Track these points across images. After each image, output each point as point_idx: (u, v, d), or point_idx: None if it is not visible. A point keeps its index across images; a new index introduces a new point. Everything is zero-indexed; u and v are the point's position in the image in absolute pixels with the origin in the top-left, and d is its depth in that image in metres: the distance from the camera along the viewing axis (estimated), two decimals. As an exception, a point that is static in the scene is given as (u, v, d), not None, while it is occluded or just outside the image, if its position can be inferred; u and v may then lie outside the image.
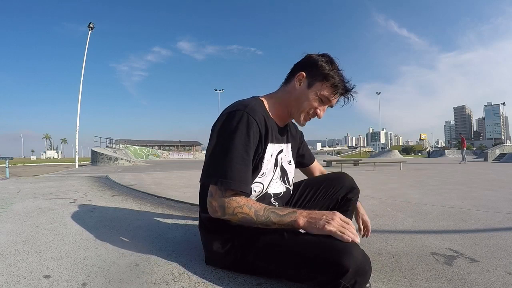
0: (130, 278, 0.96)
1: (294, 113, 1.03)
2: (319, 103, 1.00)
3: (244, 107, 0.93)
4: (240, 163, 0.88)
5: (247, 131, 0.90)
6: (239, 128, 0.89)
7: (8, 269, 1.02)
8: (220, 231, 0.98)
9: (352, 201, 1.16)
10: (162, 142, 43.91)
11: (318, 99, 0.99)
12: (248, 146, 0.90)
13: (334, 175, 1.21)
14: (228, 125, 0.90)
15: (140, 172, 6.85)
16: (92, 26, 15.51)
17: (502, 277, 0.99)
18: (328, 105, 1.02)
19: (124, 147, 24.36)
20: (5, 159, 7.41)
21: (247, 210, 0.87)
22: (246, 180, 0.90)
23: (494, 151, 18.11)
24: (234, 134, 0.89)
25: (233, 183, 0.86)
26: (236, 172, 0.87)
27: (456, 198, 2.67)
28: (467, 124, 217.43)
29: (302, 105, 1.00)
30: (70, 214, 1.92)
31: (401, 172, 6.51)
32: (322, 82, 0.98)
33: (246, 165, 0.90)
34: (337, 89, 0.99)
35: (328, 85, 0.98)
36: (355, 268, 0.74)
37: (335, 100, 1.02)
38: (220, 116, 0.97)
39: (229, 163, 0.87)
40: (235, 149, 0.88)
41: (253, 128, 0.91)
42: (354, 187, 1.17)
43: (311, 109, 1.01)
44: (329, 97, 0.99)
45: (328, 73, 0.97)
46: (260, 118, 0.95)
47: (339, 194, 1.16)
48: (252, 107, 0.94)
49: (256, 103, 0.99)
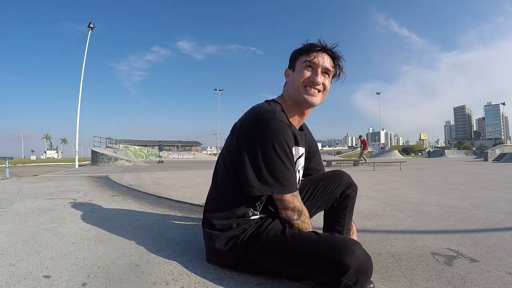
0: (130, 278, 0.96)
1: (297, 96, 1.03)
2: (309, 72, 1.01)
3: (273, 114, 0.94)
4: (289, 168, 0.93)
5: (285, 138, 0.92)
6: (277, 137, 0.91)
7: (8, 269, 1.02)
8: (224, 229, 1.00)
9: (350, 197, 1.17)
10: (162, 142, 43.83)
11: (304, 69, 1.01)
12: (289, 150, 0.93)
13: (331, 173, 1.22)
14: (265, 133, 0.91)
15: (140, 172, 6.85)
16: (92, 26, 15.50)
17: (502, 277, 0.99)
18: (316, 68, 1.01)
19: (124, 147, 24.36)
20: (5, 159, 7.40)
21: (309, 223, 0.98)
22: (296, 181, 0.98)
23: (494, 151, 18.12)
24: (274, 142, 0.90)
25: (292, 188, 0.94)
26: (291, 178, 0.93)
27: (456, 198, 2.67)
28: (467, 124, 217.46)
29: (296, 83, 1.02)
30: (70, 214, 1.92)
31: (401, 172, 6.51)
32: (299, 57, 1.03)
33: (292, 169, 0.95)
34: (312, 48, 1.01)
35: (304, 53, 1.02)
36: (357, 266, 0.74)
37: (316, 58, 1.00)
38: (250, 122, 0.95)
39: (286, 171, 0.92)
40: (282, 157, 0.91)
41: (288, 134, 0.94)
42: (352, 183, 1.19)
43: (305, 81, 1.01)
44: (309, 59, 1.00)
45: (301, 48, 1.04)
46: (287, 122, 0.97)
47: (337, 192, 1.17)
48: (280, 113, 0.96)
49: (279, 107, 1.01)
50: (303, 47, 1.04)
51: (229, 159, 1.01)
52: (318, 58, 1.01)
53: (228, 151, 1.01)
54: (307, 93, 1.01)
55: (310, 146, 1.25)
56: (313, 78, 1.00)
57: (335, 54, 1.04)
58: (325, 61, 1.02)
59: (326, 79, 1.04)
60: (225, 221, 1.00)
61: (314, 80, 1.00)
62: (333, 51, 1.03)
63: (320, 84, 1.01)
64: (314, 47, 1.01)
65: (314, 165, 1.29)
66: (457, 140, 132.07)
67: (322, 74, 1.02)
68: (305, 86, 1.01)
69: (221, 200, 1.03)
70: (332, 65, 1.04)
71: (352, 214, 1.20)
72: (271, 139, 0.90)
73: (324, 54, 1.02)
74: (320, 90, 1.03)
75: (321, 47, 1.01)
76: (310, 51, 1.01)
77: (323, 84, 1.02)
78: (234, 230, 0.98)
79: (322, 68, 1.01)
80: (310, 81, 1.01)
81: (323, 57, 1.01)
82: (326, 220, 1.22)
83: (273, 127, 0.91)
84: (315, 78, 1.00)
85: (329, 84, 1.05)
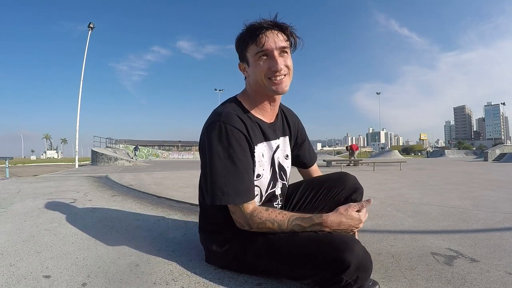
0: (130, 278, 0.96)
1: (264, 90, 0.95)
2: (266, 61, 0.92)
3: (219, 116, 0.90)
4: (234, 175, 0.87)
5: (228, 141, 0.87)
6: (220, 141, 0.88)
7: (8, 269, 1.02)
8: (218, 232, 1.00)
9: (356, 202, 1.10)
10: (162, 142, 43.88)
11: (259, 60, 0.92)
12: (235, 155, 0.88)
13: (336, 175, 1.16)
14: (210, 140, 0.89)
15: (140, 172, 6.85)
16: (92, 26, 15.50)
17: (502, 277, 0.99)
18: (272, 53, 0.91)
19: (124, 147, 24.35)
20: (5, 159, 7.41)
21: (270, 225, 0.88)
22: (247, 189, 0.89)
23: (494, 151, 18.11)
24: (218, 147, 0.87)
25: (237, 198, 0.87)
26: (237, 185, 0.87)
27: (456, 198, 2.67)
28: (467, 124, 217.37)
29: (258, 78, 0.93)
30: (70, 214, 1.92)
31: (401, 172, 6.50)
32: (248, 48, 0.94)
33: (240, 175, 0.88)
34: (256, 32, 0.91)
35: (250, 41, 0.92)
36: (357, 263, 0.74)
37: (267, 43, 0.90)
38: (202, 130, 0.95)
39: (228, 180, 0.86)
40: (225, 163, 0.87)
41: (235, 135, 0.89)
42: (358, 187, 1.13)
43: (266, 73, 0.92)
44: (260, 48, 0.90)
45: (244, 35, 0.94)
46: (238, 122, 0.91)
47: (341, 196, 1.11)
48: (227, 114, 0.91)
49: (231, 107, 0.95)
50: (246, 34, 0.93)
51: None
52: (269, 41, 0.90)
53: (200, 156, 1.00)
54: (274, 83, 0.92)
55: (298, 131, 1.19)
56: (273, 66, 0.91)
57: (282, 26, 0.93)
58: (277, 40, 0.91)
59: (287, 58, 0.94)
60: (217, 225, 1.00)
61: (275, 68, 0.91)
62: (279, 23, 0.92)
63: (283, 68, 0.92)
64: (258, 31, 0.90)
65: (304, 152, 1.23)
66: (457, 140, 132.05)
67: (280, 56, 0.92)
68: (269, 78, 0.92)
69: (208, 206, 1.02)
70: (285, 38, 0.93)
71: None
72: (214, 146, 0.87)
73: (271, 33, 0.91)
74: (286, 73, 0.94)
75: (266, 26, 0.91)
76: (256, 37, 0.90)
77: (286, 65, 0.93)
78: (227, 232, 0.98)
79: (278, 49, 0.91)
80: (272, 71, 0.91)
81: (273, 37, 0.91)
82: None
83: (217, 132, 0.88)
84: (276, 66, 0.90)
85: (291, 61, 0.96)
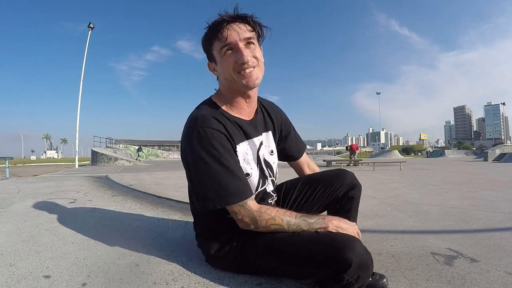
0: (130, 278, 0.96)
1: (236, 86, 0.93)
2: (232, 55, 0.89)
3: (195, 121, 0.88)
4: (226, 175, 0.85)
5: (211, 144, 0.86)
6: (202, 146, 0.85)
7: (8, 269, 1.02)
8: (215, 237, 0.99)
9: (354, 198, 1.10)
10: (162, 142, 43.90)
11: (224, 55, 0.90)
12: (221, 156, 0.86)
13: (334, 172, 1.14)
14: (192, 148, 0.87)
15: (140, 172, 6.85)
16: (92, 26, 15.50)
17: (502, 277, 0.99)
18: (236, 46, 0.89)
19: (124, 147, 24.35)
20: (5, 159, 7.40)
21: (280, 221, 0.86)
22: (244, 186, 0.88)
23: (494, 151, 18.10)
24: (201, 153, 0.85)
25: (237, 198, 0.85)
26: (233, 184, 0.86)
27: (456, 198, 2.67)
28: (467, 124, 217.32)
29: (227, 74, 0.92)
30: (70, 214, 1.93)
31: (401, 172, 6.51)
32: (213, 45, 0.93)
33: (232, 174, 0.87)
34: (218, 27, 0.89)
35: (214, 38, 0.91)
36: (358, 262, 0.74)
37: (230, 36, 0.88)
38: (181, 139, 0.93)
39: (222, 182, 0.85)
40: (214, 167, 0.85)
41: (215, 136, 0.87)
42: (356, 183, 1.11)
43: (234, 67, 0.90)
44: (224, 42, 0.88)
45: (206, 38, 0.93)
46: (215, 124, 0.89)
47: (339, 192, 1.09)
48: (203, 117, 0.89)
49: (206, 109, 0.93)
50: (208, 31, 0.91)
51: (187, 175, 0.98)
52: (232, 34, 0.87)
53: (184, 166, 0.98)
54: (243, 77, 0.90)
55: (281, 124, 1.16)
56: (240, 59, 0.88)
57: (244, 17, 0.90)
58: (240, 31, 0.88)
59: (254, 49, 0.91)
60: (212, 231, 1.00)
61: (242, 61, 0.88)
62: (240, 15, 0.90)
63: (250, 60, 0.89)
64: (219, 26, 0.88)
65: (291, 144, 1.20)
66: (457, 140, 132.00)
67: (246, 47, 0.89)
68: (238, 72, 0.89)
69: (199, 213, 1.03)
70: (250, 29, 0.90)
71: (357, 216, 1.15)
72: (197, 152, 0.85)
73: (234, 25, 0.89)
74: (255, 65, 0.91)
75: (227, 19, 0.88)
76: (219, 32, 0.88)
77: (254, 57, 0.90)
78: (224, 235, 0.98)
79: (242, 41, 0.89)
80: (238, 64, 0.88)
81: (236, 29, 0.88)
82: None
83: (195, 139, 0.86)
84: (242, 58, 0.87)
85: (259, 52, 0.93)
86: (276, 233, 0.89)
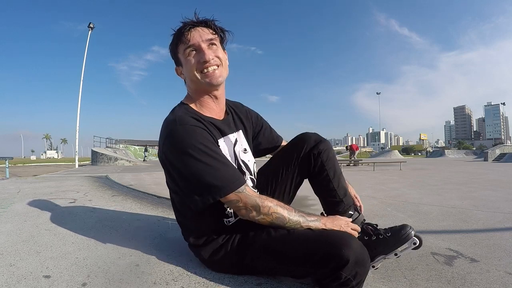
0: (130, 278, 0.95)
1: (200, 86, 0.96)
2: (195, 56, 0.93)
3: (174, 122, 0.88)
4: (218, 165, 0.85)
5: (195, 139, 0.85)
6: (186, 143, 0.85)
7: (8, 269, 1.02)
8: (206, 243, 0.98)
9: (323, 152, 1.01)
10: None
11: (188, 56, 0.93)
12: (207, 149, 0.86)
13: (296, 138, 1.09)
14: (176, 147, 0.86)
15: (140, 172, 6.85)
16: (92, 26, 15.51)
17: (502, 277, 0.99)
18: (198, 46, 0.92)
19: (124, 147, 24.34)
20: (5, 159, 7.41)
21: (281, 211, 0.87)
22: (237, 172, 0.90)
23: (494, 151, 18.11)
24: (187, 150, 0.84)
25: (230, 186, 0.84)
26: (226, 174, 0.85)
27: (456, 198, 2.67)
28: (467, 124, 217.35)
29: (191, 74, 0.94)
30: (70, 214, 1.92)
31: (401, 172, 6.50)
32: (178, 49, 0.97)
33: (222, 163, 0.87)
34: (181, 32, 0.93)
35: (179, 42, 0.95)
36: (355, 259, 0.75)
37: (192, 38, 0.92)
38: (160, 143, 0.92)
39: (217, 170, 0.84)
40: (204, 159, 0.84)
41: (198, 132, 0.87)
42: (320, 139, 1.04)
43: (197, 67, 0.93)
44: (187, 44, 0.92)
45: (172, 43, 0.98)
46: (194, 121, 0.90)
47: (305, 156, 1.03)
48: (181, 117, 0.89)
49: (182, 110, 0.94)
50: (174, 36, 0.96)
51: (170, 181, 0.98)
52: (194, 36, 0.92)
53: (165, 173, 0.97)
54: (206, 75, 0.93)
55: (252, 122, 1.17)
56: (201, 57, 0.91)
57: (205, 21, 0.95)
58: (203, 33, 0.93)
59: (216, 49, 0.95)
60: (204, 237, 0.98)
61: (204, 59, 0.91)
62: (202, 20, 0.95)
63: (212, 58, 0.92)
64: (183, 30, 0.93)
65: (265, 138, 1.20)
66: (457, 140, 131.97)
67: (208, 48, 0.93)
68: (200, 71, 0.93)
69: (187, 222, 1.02)
70: (212, 32, 0.95)
71: (340, 173, 1.04)
72: (182, 150, 0.84)
73: (196, 29, 0.93)
74: (217, 63, 0.94)
75: (189, 24, 0.93)
76: (182, 36, 0.93)
77: (216, 56, 0.93)
78: (216, 240, 0.96)
79: (204, 42, 0.92)
80: (200, 63, 0.92)
81: (198, 32, 0.93)
82: (318, 197, 1.08)
83: (179, 137, 0.85)
84: (203, 56, 0.91)
85: (222, 53, 0.97)
86: (271, 232, 0.88)
